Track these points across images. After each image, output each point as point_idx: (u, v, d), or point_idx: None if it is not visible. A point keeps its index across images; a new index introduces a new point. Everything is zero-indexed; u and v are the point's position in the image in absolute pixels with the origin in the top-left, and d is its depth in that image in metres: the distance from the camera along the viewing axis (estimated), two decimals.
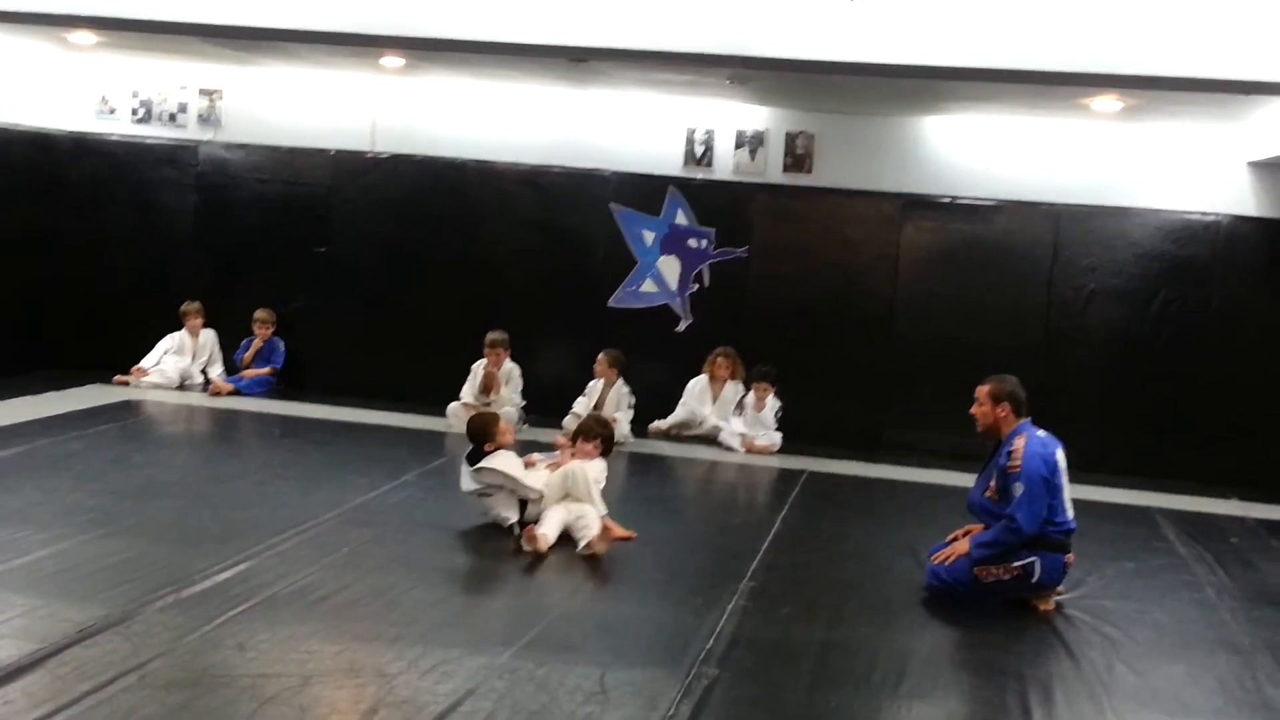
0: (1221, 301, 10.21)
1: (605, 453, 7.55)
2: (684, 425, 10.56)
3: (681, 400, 10.61)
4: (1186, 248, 10.24)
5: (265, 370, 11.28)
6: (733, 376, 10.53)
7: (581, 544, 6.74)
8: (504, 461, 7.08)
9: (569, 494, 7.05)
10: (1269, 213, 10.14)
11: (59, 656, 4.76)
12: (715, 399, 10.57)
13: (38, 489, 7.27)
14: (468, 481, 7.18)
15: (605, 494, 7.23)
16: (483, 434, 7.23)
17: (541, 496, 7.04)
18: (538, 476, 7.13)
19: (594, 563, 6.69)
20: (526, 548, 6.69)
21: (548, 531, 6.76)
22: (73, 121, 11.77)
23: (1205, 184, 10.21)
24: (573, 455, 7.41)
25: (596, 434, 7.57)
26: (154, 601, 5.44)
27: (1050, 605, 6.41)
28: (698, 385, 10.62)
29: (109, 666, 4.69)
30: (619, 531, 6.93)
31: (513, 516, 7.03)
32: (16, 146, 11.20)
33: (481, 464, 7.04)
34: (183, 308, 11.31)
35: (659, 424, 10.57)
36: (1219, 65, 7.21)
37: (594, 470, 7.22)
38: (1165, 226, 10.28)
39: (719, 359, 10.51)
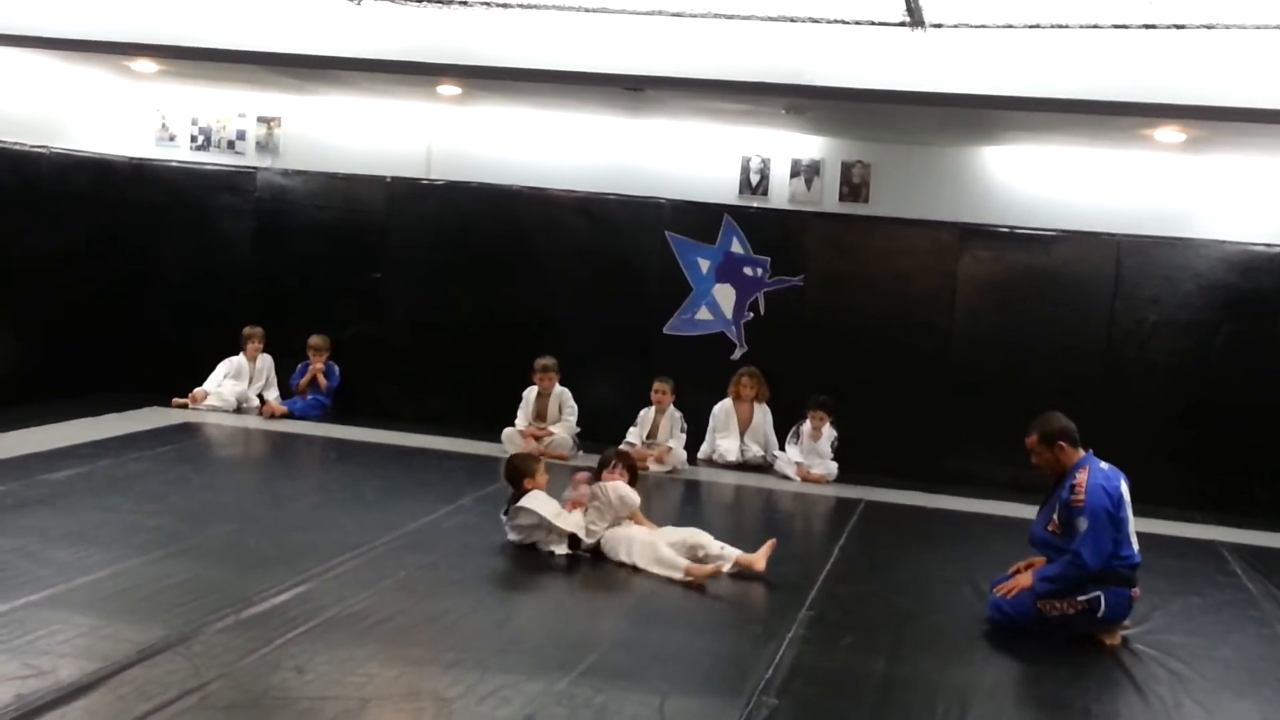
0: None
1: (631, 480, 7.47)
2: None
3: (709, 428, 10.53)
4: (1251, 279, 10.10)
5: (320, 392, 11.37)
6: (757, 398, 10.45)
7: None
8: (537, 501, 7.14)
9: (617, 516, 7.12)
10: None
11: (120, 676, 4.77)
12: (744, 426, 10.46)
13: (98, 509, 7.32)
14: (510, 533, 7.23)
15: (661, 521, 7.19)
16: (519, 473, 7.31)
17: (576, 538, 7.05)
18: (572, 519, 7.14)
19: (650, 591, 6.66)
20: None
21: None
22: (133, 148, 11.91)
23: (1270, 215, 10.07)
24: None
25: (616, 462, 7.54)
26: (214, 622, 5.45)
27: (1116, 640, 6.29)
28: (723, 410, 10.51)
29: (170, 687, 4.70)
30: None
31: (561, 547, 7.07)
32: (78, 172, 11.34)
33: (516, 504, 7.13)
34: (245, 331, 11.40)
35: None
36: None
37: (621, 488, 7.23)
38: (1229, 258, 10.13)
39: (743, 378, 10.45)
